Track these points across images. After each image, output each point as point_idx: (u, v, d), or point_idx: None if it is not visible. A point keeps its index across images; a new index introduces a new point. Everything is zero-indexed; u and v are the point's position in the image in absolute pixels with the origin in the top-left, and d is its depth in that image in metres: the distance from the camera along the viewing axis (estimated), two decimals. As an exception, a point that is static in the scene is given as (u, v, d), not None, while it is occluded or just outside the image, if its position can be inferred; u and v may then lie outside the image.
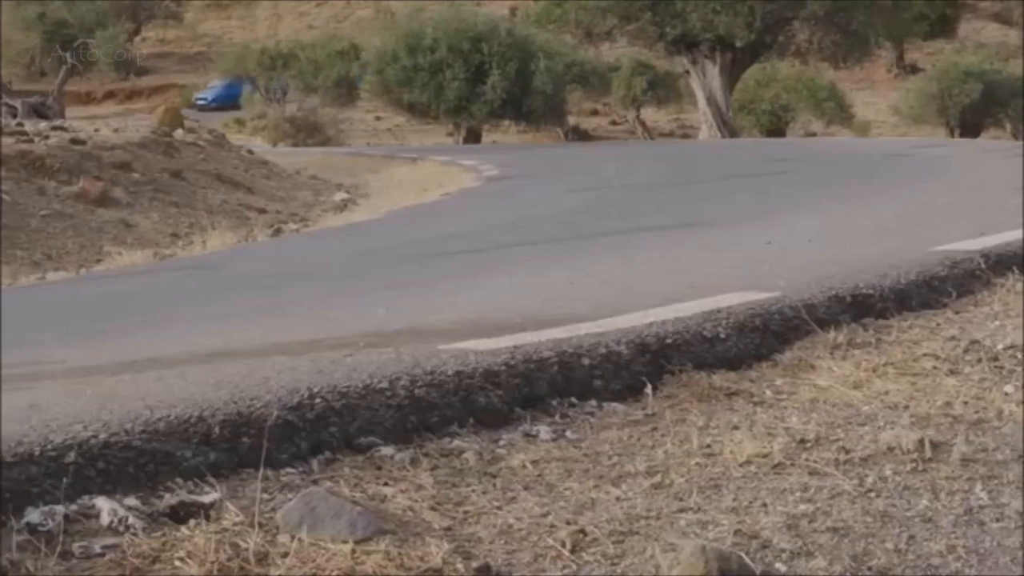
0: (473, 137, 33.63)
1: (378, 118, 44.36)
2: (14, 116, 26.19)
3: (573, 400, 3.21)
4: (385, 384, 2.96)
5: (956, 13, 46.92)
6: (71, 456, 2.45)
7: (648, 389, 3.27)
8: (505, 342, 3.38)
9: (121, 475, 2.48)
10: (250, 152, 18.65)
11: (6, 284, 9.43)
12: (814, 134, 37.42)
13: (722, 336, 3.58)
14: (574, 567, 2.38)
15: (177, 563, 2.29)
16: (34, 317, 5.84)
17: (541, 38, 30.97)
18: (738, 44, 26.48)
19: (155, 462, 2.54)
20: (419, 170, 19.20)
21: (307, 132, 36.77)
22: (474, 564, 2.36)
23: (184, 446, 2.59)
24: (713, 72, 26.65)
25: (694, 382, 3.39)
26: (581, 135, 42.10)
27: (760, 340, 3.65)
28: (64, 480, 2.41)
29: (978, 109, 34.77)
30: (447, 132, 36.65)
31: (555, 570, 2.36)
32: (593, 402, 3.23)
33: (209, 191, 13.92)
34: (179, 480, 2.55)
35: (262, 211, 13.95)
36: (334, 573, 2.29)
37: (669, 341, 3.48)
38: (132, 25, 44.72)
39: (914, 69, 47.11)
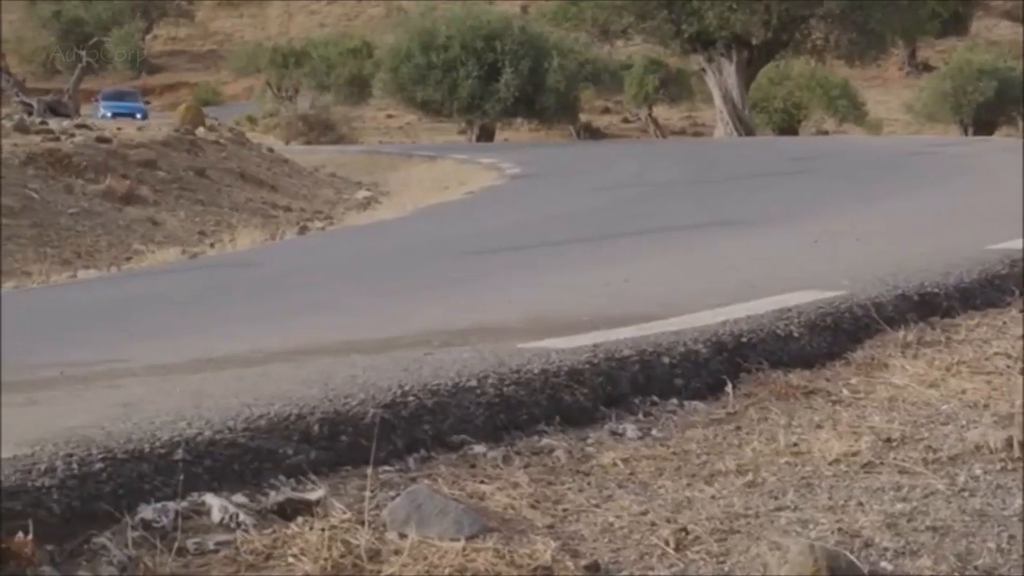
0: (486, 135, 33.66)
1: (390, 116, 44.43)
2: (30, 114, 26.27)
3: (654, 398, 3.22)
4: (474, 382, 2.97)
5: (968, 11, 46.81)
6: (179, 453, 2.47)
7: (729, 387, 3.28)
8: (583, 340, 3.39)
9: (227, 472, 2.50)
10: (270, 150, 18.68)
11: (38, 282, 9.47)
12: (826, 132, 37.41)
13: (795, 335, 3.59)
14: (680, 565, 2.39)
15: (291, 560, 2.31)
16: (85, 315, 5.86)
17: (555, 36, 30.99)
18: (754, 42, 26.48)
19: (259, 459, 2.56)
20: (437, 168, 19.22)
21: (320, 130, 36.84)
22: (583, 562, 2.38)
23: (285, 444, 2.61)
24: (729, 70, 26.63)
25: (771, 380, 3.40)
26: (592, 133, 42.13)
27: (832, 339, 3.67)
28: (174, 477, 2.43)
29: (992, 107, 34.76)
30: (459, 130, 36.69)
31: (662, 568, 2.38)
32: (674, 400, 3.24)
33: (234, 189, 13.95)
34: (282, 477, 2.56)
35: (286, 209, 13.98)
36: (446, 571, 2.30)
37: (744, 340, 3.49)
38: (144, 23, 44.76)
39: (926, 67, 47.08)
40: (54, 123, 15.15)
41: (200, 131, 16.26)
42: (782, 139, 26.93)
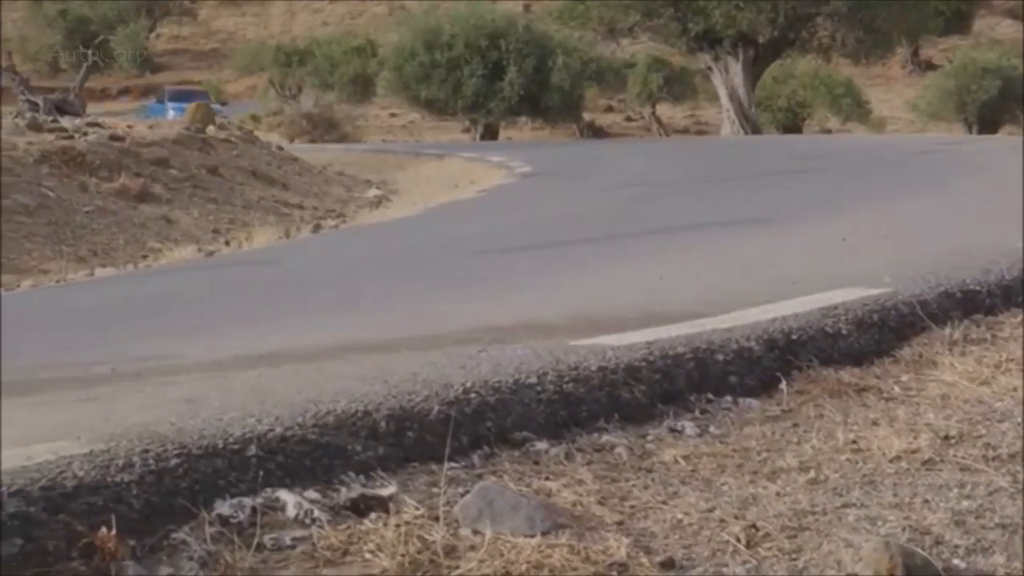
0: (490, 134, 33.65)
1: (393, 115, 44.39)
2: (36, 112, 26.23)
3: (710, 396, 3.23)
4: (534, 379, 2.98)
5: (971, 9, 46.79)
6: (252, 449, 2.47)
7: (783, 385, 3.29)
8: (636, 338, 3.40)
9: (299, 468, 2.51)
10: (280, 148, 18.69)
11: (55, 280, 9.47)
12: (829, 131, 37.40)
13: (843, 332, 3.60)
14: (753, 562, 2.40)
15: (367, 556, 2.31)
16: (117, 312, 5.87)
17: (559, 35, 30.99)
18: (761, 40, 26.48)
19: (329, 456, 2.56)
20: (446, 167, 19.21)
21: (323, 129, 36.82)
22: (657, 559, 2.38)
23: (354, 440, 2.62)
24: (736, 68, 26.64)
25: (822, 378, 3.41)
26: (596, 132, 42.11)
27: (879, 336, 3.67)
28: (248, 473, 2.43)
29: (996, 106, 34.74)
30: (462, 129, 36.67)
31: (735, 565, 2.38)
32: (728, 398, 3.25)
33: (246, 187, 13.95)
34: (351, 474, 2.57)
35: (298, 207, 13.98)
36: (523, 567, 2.31)
37: (795, 337, 3.50)
38: (148, 22, 44.77)
39: (929, 65, 47.06)
40: (67, 121, 15.15)
41: (210, 129, 16.27)
42: (789, 138, 26.92)
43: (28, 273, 9.78)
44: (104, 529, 2.17)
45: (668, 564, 2.39)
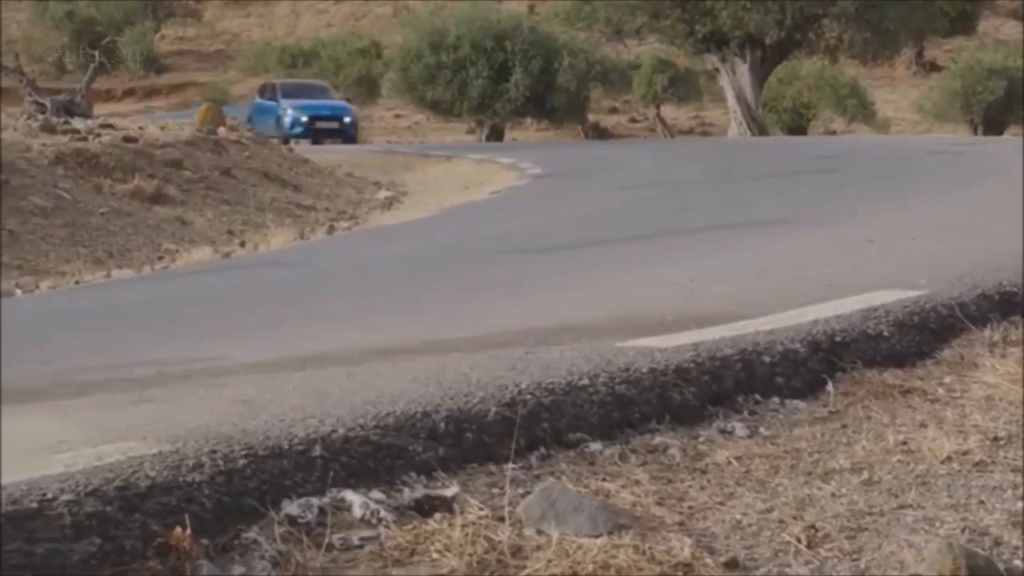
0: (496, 135, 33.67)
1: (398, 116, 44.41)
2: (42, 113, 26.26)
3: (757, 397, 3.25)
4: (586, 381, 3.00)
5: (976, 10, 46.77)
6: (317, 450, 2.50)
7: (830, 386, 3.31)
8: (681, 340, 3.42)
9: (362, 469, 2.53)
10: (290, 150, 18.72)
11: (72, 282, 9.50)
12: (834, 132, 37.42)
13: (885, 334, 3.62)
14: (816, 563, 2.42)
15: (435, 555, 2.33)
16: (146, 314, 5.89)
17: (565, 36, 31.02)
18: (768, 42, 26.50)
19: (391, 456, 2.58)
20: (455, 168, 19.24)
21: (328, 130, 36.83)
22: (721, 559, 2.40)
23: (414, 441, 2.64)
24: (743, 69, 26.66)
25: (867, 379, 3.43)
26: (600, 133, 42.13)
27: (920, 338, 3.69)
28: (313, 474, 2.45)
29: (1001, 106, 34.76)
30: (467, 130, 36.68)
31: (798, 565, 2.40)
32: (776, 399, 3.27)
33: (259, 188, 13.98)
34: (413, 474, 2.59)
35: (310, 208, 14.01)
36: (589, 567, 2.33)
37: (838, 339, 3.52)
38: (153, 23, 44.81)
39: (933, 66, 47.03)
40: (79, 123, 15.18)
41: (221, 131, 16.29)
42: (798, 139, 26.96)
43: (46, 274, 9.81)
44: (179, 528, 2.20)
45: (732, 564, 2.41)
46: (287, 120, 27.49)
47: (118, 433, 2.61)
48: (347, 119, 28.77)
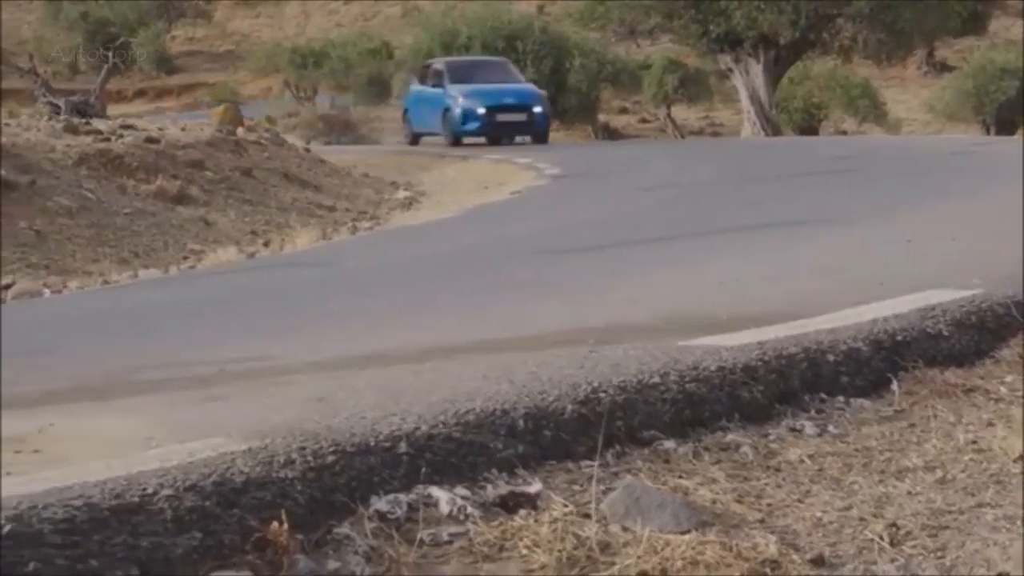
0: (508, 135, 33.66)
1: (408, 116, 44.46)
2: (57, 114, 26.32)
3: (823, 396, 3.26)
4: (657, 379, 3.02)
5: (987, 10, 46.69)
6: (403, 447, 2.51)
7: (895, 385, 3.32)
8: (742, 339, 3.43)
9: (446, 466, 2.54)
10: (307, 150, 18.74)
11: (100, 282, 9.52)
12: (845, 132, 37.38)
13: (944, 333, 3.63)
14: (900, 560, 2.43)
15: (524, 551, 2.35)
16: (185, 313, 5.91)
17: (577, 36, 31.04)
18: (782, 42, 26.50)
19: (473, 454, 2.60)
20: (472, 169, 19.24)
21: (339, 130, 36.91)
22: (807, 556, 2.42)
23: (494, 438, 2.66)
24: (756, 70, 26.66)
25: (928, 378, 3.44)
26: (611, 133, 42.13)
27: (979, 337, 3.70)
28: (399, 470, 2.47)
29: (1014, 106, 34.68)
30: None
31: (884, 563, 2.41)
32: (840, 398, 3.28)
33: (279, 189, 14.01)
34: (495, 471, 2.61)
35: (331, 209, 14.03)
36: (678, 563, 2.34)
37: (899, 338, 3.52)
38: (164, 24, 44.91)
39: (944, 67, 46.97)
40: (102, 123, 15.22)
41: (240, 131, 16.33)
42: (813, 139, 26.91)
43: (73, 274, 9.84)
44: (276, 523, 2.21)
45: (818, 561, 2.42)
46: (457, 113, 21.42)
47: (200, 430, 2.63)
48: (537, 108, 21.74)
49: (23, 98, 37.68)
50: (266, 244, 11.30)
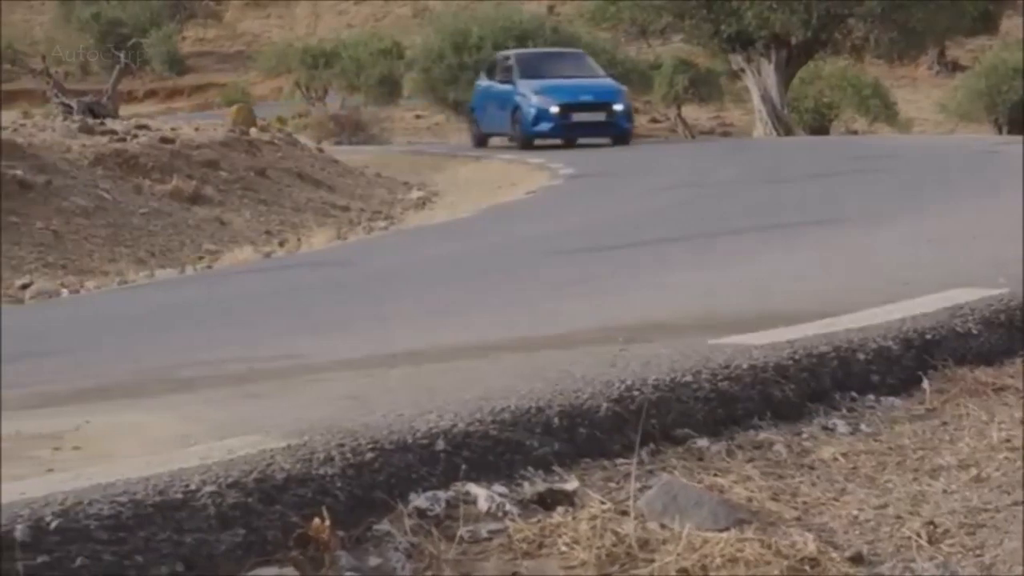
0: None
1: (418, 116, 44.49)
2: (70, 114, 26.41)
3: (854, 394, 3.26)
4: (689, 378, 3.02)
5: (999, 9, 46.60)
6: (440, 444, 2.52)
7: (925, 384, 3.32)
8: (772, 337, 3.43)
9: (484, 463, 2.55)
10: (320, 150, 18.78)
11: (117, 281, 9.55)
12: (855, 132, 37.33)
13: (974, 332, 3.62)
14: (939, 558, 2.43)
15: (563, 548, 2.35)
16: (208, 313, 5.93)
17: (588, 36, 31.04)
18: (793, 42, 26.48)
19: (509, 451, 2.61)
20: (484, 168, 19.25)
21: (350, 130, 36.97)
22: (846, 554, 2.42)
23: (530, 436, 2.66)
24: (768, 70, 26.64)
25: (958, 377, 3.44)
26: (621, 133, 42.08)
27: (1007, 336, 3.70)
28: (437, 467, 2.48)
29: (1026, 106, 34.59)
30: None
31: (922, 561, 2.41)
32: (871, 396, 3.28)
33: (294, 189, 14.04)
34: (531, 469, 2.61)
35: (345, 209, 14.06)
36: (717, 560, 2.34)
37: (929, 337, 3.52)
38: (176, 24, 45.07)
39: (955, 66, 46.87)
40: (116, 124, 15.27)
41: (253, 131, 16.37)
42: (825, 139, 26.91)
43: (90, 274, 9.87)
44: (318, 520, 2.22)
45: (857, 559, 2.42)
46: (529, 112, 19.33)
47: (236, 427, 2.64)
48: (618, 106, 19.88)
49: (35, 98, 37.78)
50: (282, 244, 11.33)
